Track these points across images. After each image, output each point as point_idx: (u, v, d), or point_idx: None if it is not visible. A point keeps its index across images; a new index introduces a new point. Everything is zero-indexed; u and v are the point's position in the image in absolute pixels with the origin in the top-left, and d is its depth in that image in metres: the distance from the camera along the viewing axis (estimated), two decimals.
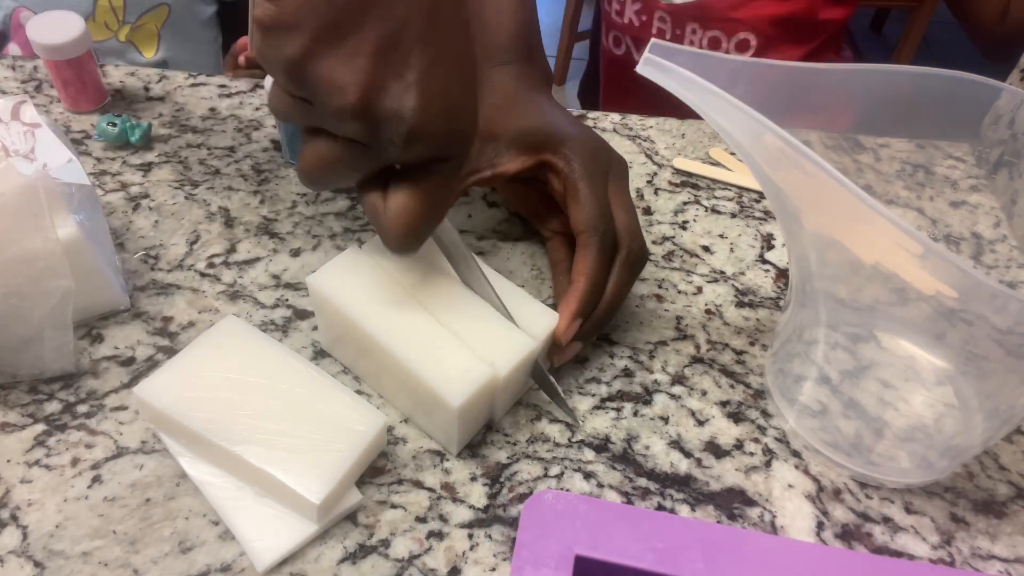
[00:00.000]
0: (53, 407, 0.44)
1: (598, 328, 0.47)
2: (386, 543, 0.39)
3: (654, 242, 0.57)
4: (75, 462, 0.41)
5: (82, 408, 0.44)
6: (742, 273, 0.56)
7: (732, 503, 0.42)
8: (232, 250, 0.54)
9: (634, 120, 0.69)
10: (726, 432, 0.46)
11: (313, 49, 0.32)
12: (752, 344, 0.51)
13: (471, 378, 0.39)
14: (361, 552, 0.39)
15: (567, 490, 0.42)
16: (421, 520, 0.40)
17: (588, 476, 0.43)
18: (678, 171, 0.64)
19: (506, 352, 0.41)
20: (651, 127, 0.68)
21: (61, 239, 0.41)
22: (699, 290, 0.54)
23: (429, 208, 0.37)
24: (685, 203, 0.61)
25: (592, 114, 0.69)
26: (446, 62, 0.34)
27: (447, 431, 0.42)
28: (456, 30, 0.34)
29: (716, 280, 0.55)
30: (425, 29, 0.32)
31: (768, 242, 0.58)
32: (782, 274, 0.56)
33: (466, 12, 0.35)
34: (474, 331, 0.42)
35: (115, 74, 0.68)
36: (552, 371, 0.46)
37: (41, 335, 0.42)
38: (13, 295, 0.40)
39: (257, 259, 0.53)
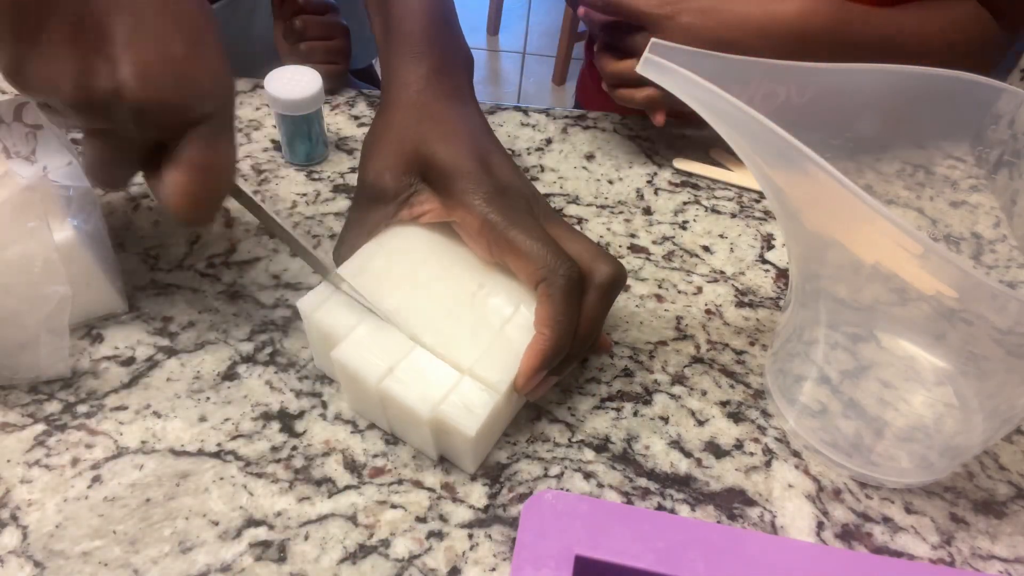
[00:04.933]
0: (53, 407, 0.44)
1: (576, 359, 0.43)
2: (386, 543, 0.39)
3: (654, 242, 0.57)
4: (75, 462, 0.41)
5: (82, 408, 0.44)
6: (742, 273, 0.56)
7: (732, 503, 0.42)
8: (232, 250, 0.54)
9: (634, 120, 0.69)
10: (726, 432, 0.46)
11: (17, 53, 0.30)
12: (752, 344, 0.51)
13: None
14: (361, 552, 0.39)
15: (567, 490, 0.42)
16: (421, 520, 0.40)
17: (588, 476, 0.43)
18: (678, 171, 0.64)
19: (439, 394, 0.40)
20: (651, 127, 0.68)
21: (58, 244, 0.41)
22: (699, 290, 0.54)
23: (201, 179, 0.34)
24: (685, 203, 0.61)
25: (592, 114, 0.69)
26: (152, 21, 0.31)
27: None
28: None
29: (716, 280, 0.55)
30: None
31: (768, 242, 0.58)
32: (782, 274, 0.56)
33: None
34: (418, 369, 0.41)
35: None
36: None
37: (37, 339, 0.42)
38: (9, 298, 0.40)
39: (257, 259, 0.53)
